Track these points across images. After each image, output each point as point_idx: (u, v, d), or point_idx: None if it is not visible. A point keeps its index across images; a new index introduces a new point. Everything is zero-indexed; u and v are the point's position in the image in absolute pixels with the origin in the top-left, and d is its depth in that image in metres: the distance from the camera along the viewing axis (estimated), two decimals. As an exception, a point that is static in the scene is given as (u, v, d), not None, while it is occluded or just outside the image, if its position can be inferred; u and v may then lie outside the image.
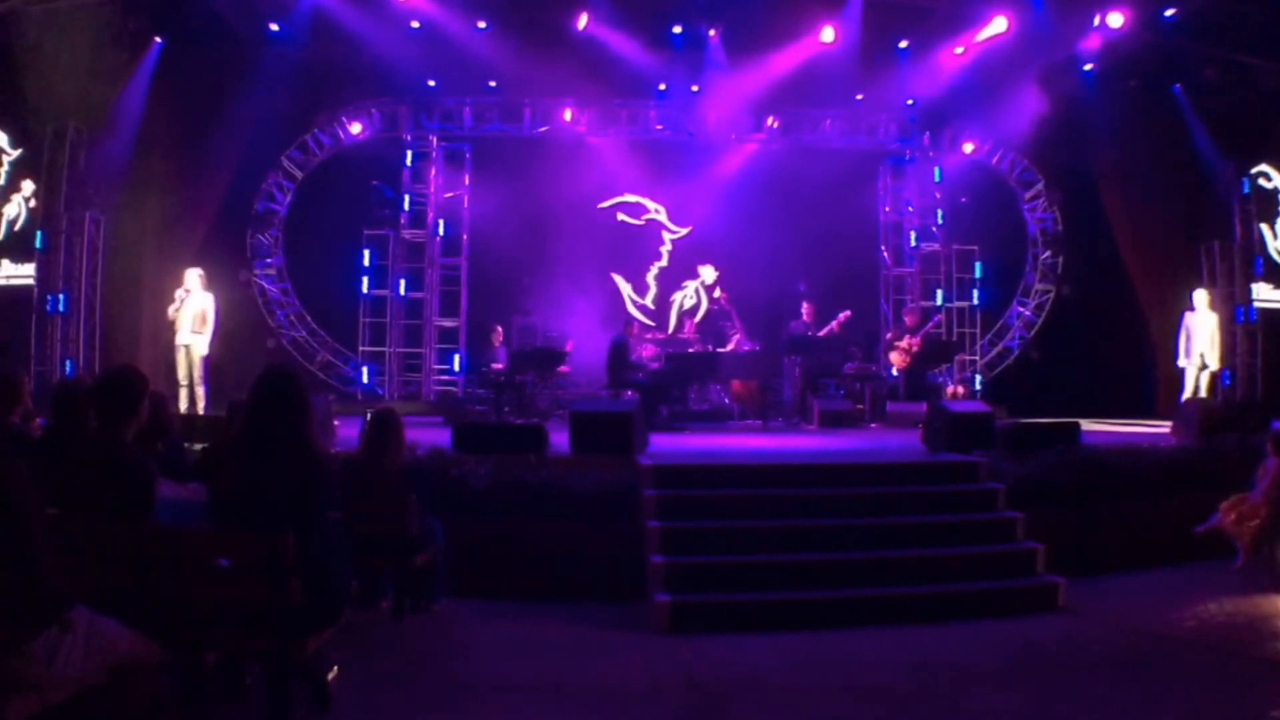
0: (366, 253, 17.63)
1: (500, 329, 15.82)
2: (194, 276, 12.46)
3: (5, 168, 14.61)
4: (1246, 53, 15.13)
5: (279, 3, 14.81)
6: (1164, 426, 12.39)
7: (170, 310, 12.39)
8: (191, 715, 4.38)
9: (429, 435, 9.20)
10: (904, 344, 14.93)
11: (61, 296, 14.35)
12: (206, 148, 15.36)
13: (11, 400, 6.30)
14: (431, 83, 17.09)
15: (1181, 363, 14.19)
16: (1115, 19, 14.75)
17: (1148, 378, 17.07)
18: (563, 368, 14.98)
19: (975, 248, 18.62)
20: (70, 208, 14.46)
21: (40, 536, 3.43)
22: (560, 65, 15.96)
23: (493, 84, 17.07)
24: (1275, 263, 16.38)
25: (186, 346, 12.32)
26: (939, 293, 18.57)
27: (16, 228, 14.56)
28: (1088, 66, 16.09)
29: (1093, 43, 15.50)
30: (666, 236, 18.60)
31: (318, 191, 17.57)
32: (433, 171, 17.96)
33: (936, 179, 18.75)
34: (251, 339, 16.33)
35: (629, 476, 7.86)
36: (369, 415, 6.89)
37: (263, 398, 4.61)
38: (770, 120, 17.93)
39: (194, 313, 12.32)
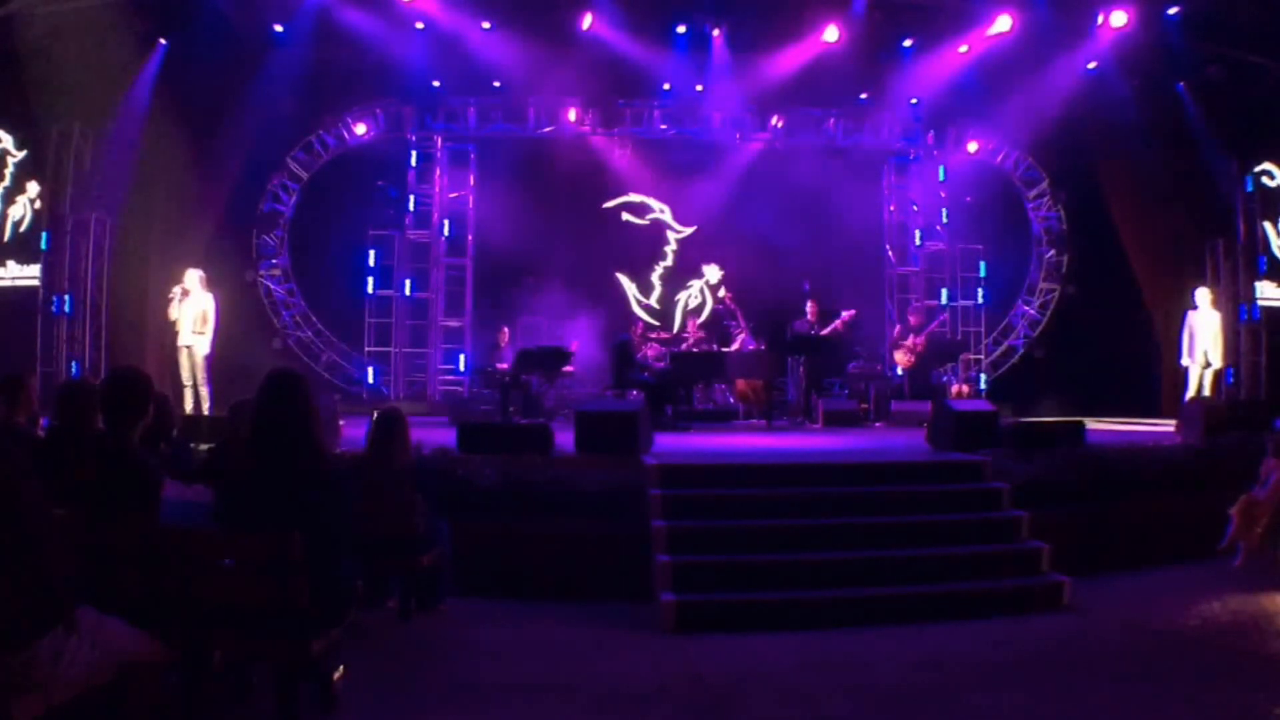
0: (372, 253, 17.70)
1: (506, 329, 15.86)
2: (194, 277, 12.44)
3: (10, 169, 14.63)
4: (1250, 51, 15.09)
5: (283, 4, 14.82)
6: (1168, 425, 12.37)
7: (170, 310, 12.40)
8: (197, 716, 4.39)
9: (434, 435, 9.22)
10: (909, 343, 14.95)
11: (67, 298, 14.38)
12: (212, 149, 15.38)
13: (17, 401, 6.33)
14: (436, 83, 17.09)
15: (1185, 361, 14.15)
16: (1119, 18, 14.77)
17: (1152, 376, 17.03)
18: (568, 367, 14.94)
19: (980, 247, 18.66)
20: (75, 209, 14.48)
21: (46, 537, 3.44)
22: (565, 65, 16.01)
23: (497, 84, 17.08)
24: (1279, 261, 16.34)
25: (188, 348, 12.33)
26: (944, 292, 18.59)
27: (22, 229, 14.57)
28: (1091, 65, 16.09)
29: (1097, 41, 15.51)
30: (671, 236, 18.63)
31: (323, 192, 17.62)
32: (438, 172, 18.02)
33: (941, 178, 18.80)
34: (257, 340, 16.40)
35: (634, 476, 7.87)
36: (375, 415, 6.90)
37: (269, 400, 4.62)
38: (774, 119, 17.92)
39: (194, 314, 12.32)
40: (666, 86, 17.34)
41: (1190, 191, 16.24)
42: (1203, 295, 14.17)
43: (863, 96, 17.79)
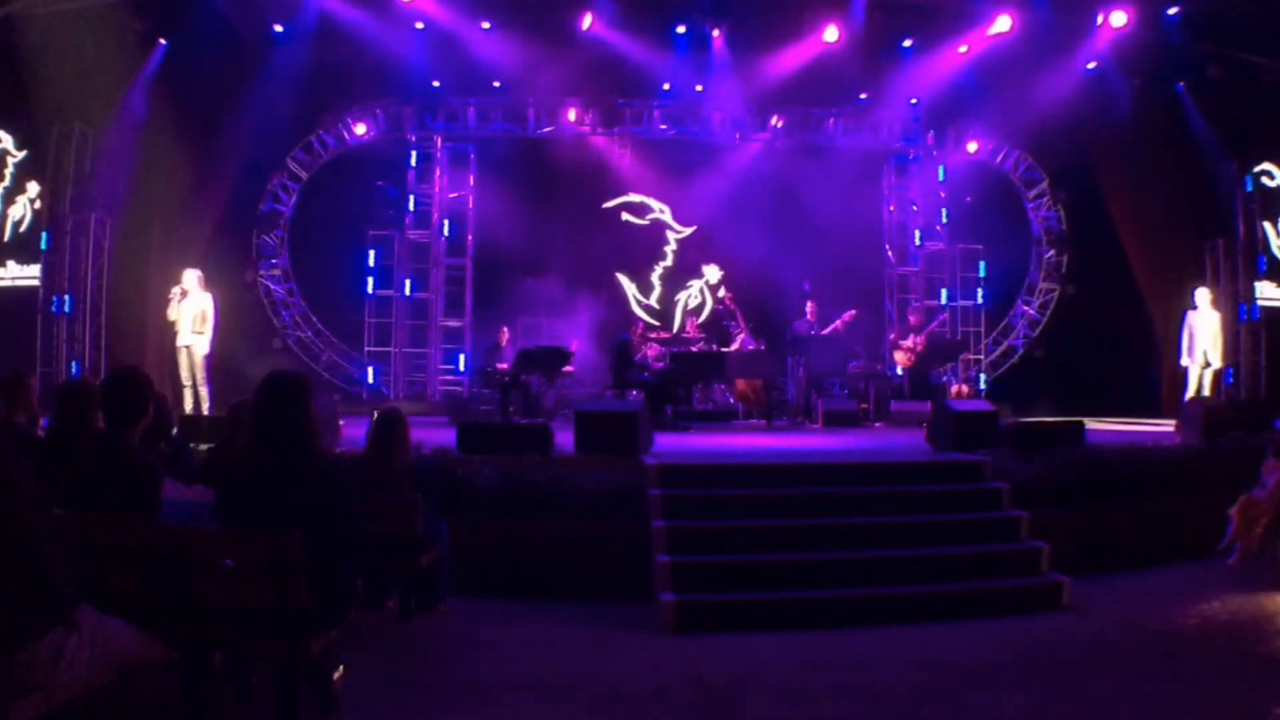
0: (372, 253, 17.71)
1: (506, 329, 15.85)
2: (192, 277, 12.46)
3: (11, 169, 14.64)
4: (1249, 51, 15.10)
5: (283, 4, 14.83)
6: (1168, 425, 12.37)
7: (169, 311, 12.42)
8: (197, 716, 4.38)
9: (434, 435, 9.23)
10: (908, 343, 14.95)
11: (67, 298, 14.40)
12: (212, 149, 15.38)
13: (17, 401, 6.33)
14: (436, 83, 17.11)
15: (1185, 361, 14.14)
16: (1119, 18, 14.79)
17: (1152, 376, 17.05)
18: (568, 367, 14.95)
19: (980, 247, 18.65)
20: (75, 209, 14.49)
21: (46, 537, 3.44)
22: (564, 65, 16.03)
23: (497, 84, 17.10)
24: (1278, 261, 16.35)
25: (187, 348, 12.35)
26: (943, 292, 18.59)
27: (22, 229, 14.58)
28: (1091, 65, 16.10)
29: (1096, 41, 15.52)
30: (671, 236, 18.63)
31: (323, 192, 17.62)
32: (437, 172, 18.03)
33: (940, 178, 18.81)
34: (257, 340, 16.43)
35: (634, 476, 7.87)
36: (375, 415, 6.90)
37: (266, 402, 4.62)
38: (774, 119, 17.93)
39: (193, 314, 12.34)
40: (666, 86, 17.35)
41: (1190, 191, 16.25)
42: (1202, 295, 14.18)
43: (862, 96, 17.80)
